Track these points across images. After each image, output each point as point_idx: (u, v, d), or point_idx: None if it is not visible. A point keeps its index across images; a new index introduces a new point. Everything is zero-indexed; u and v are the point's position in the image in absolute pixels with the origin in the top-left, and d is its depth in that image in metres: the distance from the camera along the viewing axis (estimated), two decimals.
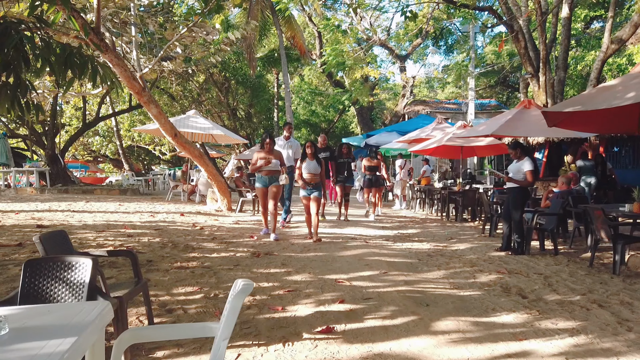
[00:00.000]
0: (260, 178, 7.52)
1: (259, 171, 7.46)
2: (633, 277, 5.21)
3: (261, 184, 7.53)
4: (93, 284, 2.12)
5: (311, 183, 7.33)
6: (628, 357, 3.04)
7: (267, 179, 7.44)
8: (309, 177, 7.34)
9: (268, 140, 7.43)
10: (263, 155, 7.39)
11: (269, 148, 7.44)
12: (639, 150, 12.73)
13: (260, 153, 7.45)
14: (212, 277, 4.91)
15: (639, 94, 5.19)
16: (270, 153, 7.44)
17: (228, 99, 27.24)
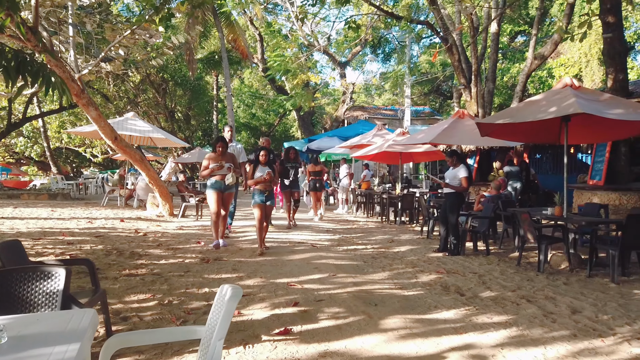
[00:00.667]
0: (214, 183, 7.10)
1: (211, 175, 7.09)
2: (555, 274, 5.79)
3: (215, 188, 7.11)
4: (67, 293, 2.14)
5: (266, 191, 6.92)
6: (554, 345, 3.44)
7: (222, 184, 7.10)
8: (263, 185, 6.91)
9: (220, 144, 7.14)
10: (215, 158, 7.12)
11: (222, 151, 7.15)
12: (558, 157, 13.88)
13: (212, 157, 7.16)
14: (163, 284, 4.90)
15: (560, 109, 5.79)
16: (223, 157, 7.15)
17: (166, 100, 26.60)
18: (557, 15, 21.00)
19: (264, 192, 6.88)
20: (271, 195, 7.02)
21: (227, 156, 7.22)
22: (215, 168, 6.99)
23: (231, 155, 7.34)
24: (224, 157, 7.13)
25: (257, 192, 6.91)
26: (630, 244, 5.44)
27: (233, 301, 1.80)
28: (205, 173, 7.08)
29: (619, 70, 8.29)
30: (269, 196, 6.95)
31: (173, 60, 23.58)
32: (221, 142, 7.17)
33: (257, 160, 7.01)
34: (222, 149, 7.13)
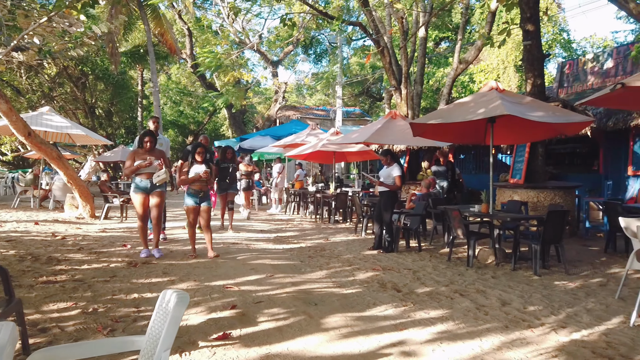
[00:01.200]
0: (140, 183, 6.20)
1: (137, 174, 6.20)
2: (483, 268, 6.05)
3: (141, 189, 6.21)
4: None
5: (200, 191, 6.29)
6: (488, 336, 3.57)
7: (148, 184, 6.20)
8: (198, 185, 6.25)
9: (148, 138, 6.25)
10: (141, 154, 6.23)
11: (150, 147, 6.26)
12: (480, 157, 14.66)
13: (138, 153, 6.26)
14: (87, 291, 4.53)
15: (487, 110, 6.06)
16: (151, 153, 6.26)
17: (85, 95, 25.00)
18: (478, 22, 22.21)
19: (199, 192, 6.28)
20: (207, 196, 6.40)
21: (156, 152, 6.34)
22: (142, 165, 6.09)
23: (160, 152, 6.47)
24: (152, 154, 6.25)
25: (190, 192, 6.26)
26: (550, 238, 5.81)
27: (180, 308, 1.65)
28: (129, 171, 6.19)
29: (537, 76, 8.86)
30: (203, 197, 6.33)
31: (94, 52, 22.19)
32: (149, 137, 6.28)
33: (192, 158, 6.37)
34: (150, 144, 6.26)
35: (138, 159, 6.18)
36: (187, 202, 6.31)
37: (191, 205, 6.29)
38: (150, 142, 6.29)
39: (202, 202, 6.33)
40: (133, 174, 6.25)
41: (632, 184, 10.10)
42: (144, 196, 6.25)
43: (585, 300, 4.55)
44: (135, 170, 6.16)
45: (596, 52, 13.85)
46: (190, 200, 6.28)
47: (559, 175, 11.80)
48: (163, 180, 6.16)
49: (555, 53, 24.77)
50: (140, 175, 6.22)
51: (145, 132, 6.40)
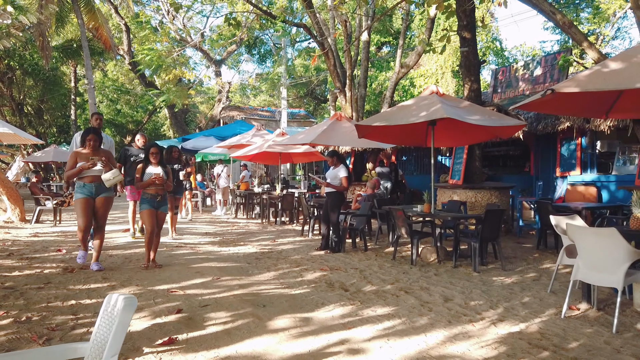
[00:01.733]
0: (82, 187, 5.55)
1: (79, 178, 5.57)
2: (426, 266, 6.25)
3: (84, 193, 5.53)
4: None
5: (158, 195, 5.83)
6: (432, 332, 3.69)
7: (92, 188, 5.55)
8: (154, 189, 5.81)
9: (92, 136, 5.61)
10: (86, 154, 5.59)
11: (94, 146, 5.62)
12: (422, 159, 15.14)
13: (80, 154, 5.61)
14: (18, 299, 4.26)
15: (428, 113, 6.27)
16: (96, 153, 5.62)
17: (12, 91, 23.41)
18: (418, 29, 22.93)
19: (155, 196, 5.80)
20: (164, 200, 5.94)
21: (101, 153, 5.70)
22: (86, 167, 5.45)
23: (106, 152, 5.82)
24: (96, 154, 5.61)
25: (146, 197, 5.79)
26: (488, 236, 6.10)
27: (128, 312, 1.59)
28: (71, 174, 5.52)
29: (473, 81, 9.27)
30: (161, 202, 5.88)
31: (22, 45, 20.82)
32: (93, 135, 5.62)
33: (146, 160, 5.92)
34: (94, 143, 5.61)
35: (80, 160, 5.53)
36: (142, 207, 5.83)
37: (147, 210, 5.79)
38: (95, 141, 5.62)
39: (159, 207, 5.88)
40: (75, 178, 5.64)
41: (560, 185, 10.80)
42: (88, 201, 5.55)
43: (521, 294, 4.81)
44: (77, 173, 5.51)
45: (526, 60, 14.68)
46: (147, 205, 5.81)
47: (494, 177, 12.42)
48: (116, 181, 5.57)
49: (489, 60, 26.05)
50: (83, 179, 5.57)
51: (88, 130, 5.75)
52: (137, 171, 5.84)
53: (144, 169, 5.88)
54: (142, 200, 5.88)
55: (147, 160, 5.92)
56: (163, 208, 5.94)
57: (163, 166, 5.95)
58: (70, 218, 10.91)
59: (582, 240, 4.07)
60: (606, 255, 3.87)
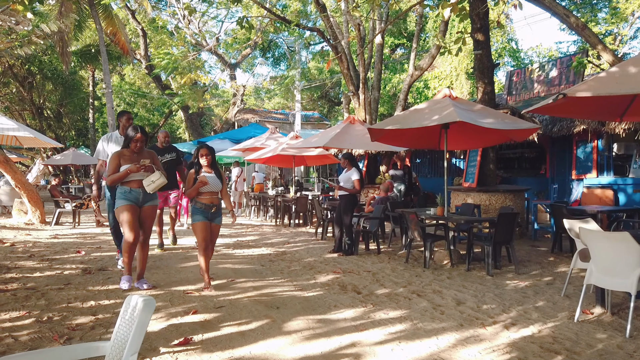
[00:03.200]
0: (128, 192, 4.85)
1: (123, 182, 4.88)
2: (439, 269, 6.26)
3: (130, 200, 4.85)
4: None
5: (212, 205, 5.08)
6: (444, 335, 3.72)
7: (139, 194, 4.89)
8: (208, 197, 5.05)
9: (140, 136, 4.89)
10: (130, 155, 4.91)
11: (140, 147, 4.95)
12: (435, 162, 15.11)
13: (123, 155, 4.91)
14: (40, 299, 4.39)
15: (441, 117, 6.29)
16: (141, 155, 4.96)
17: (32, 95, 23.92)
18: (432, 31, 22.87)
19: (211, 206, 5.08)
20: (219, 211, 5.18)
21: (146, 154, 5.04)
22: (134, 170, 4.77)
23: (150, 153, 5.14)
24: (141, 157, 4.95)
25: (200, 206, 5.03)
26: (501, 239, 6.09)
27: (147, 312, 1.66)
28: (117, 177, 4.81)
29: (487, 84, 9.25)
30: (216, 213, 5.12)
31: (42, 51, 21.28)
32: (141, 134, 4.92)
33: (197, 164, 5.14)
34: (140, 144, 4.93)
35: (125, 162, 4.87)
36: (195, 219, 5.04)
37: (201, 222, 4.98)
38: (142, 142, 4.94)
39: (214, 218, 5.12)
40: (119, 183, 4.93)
41: (576, 187, 10.70)
42: (134, 209, 4.87)
43: (534, 298, 4.81)
44: (124, 177, 4.81)
45: (542, 62, 14.58)
46: (200, 216, 5.00)
47: (509, 179, 12.35)
48: (160, 185, 4.88)
49: (505, 62, 25.86)
50: (129, 183, 4.89)
51: (135, 129, 4.97)
52: (189, 179, 5.05)
53: (197, 176, 5.07)
54: (193, 210, 5.07)
55: (198, 165, 5.11)
56: (218, 220, 5.18)
57: (217, 170, 5.23)
58: (89, 220, 11.14)
59: (595, 244, 4.06)
60: (619, 259, 3.86)
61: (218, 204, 5.14)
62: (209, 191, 5.04)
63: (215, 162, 5.25)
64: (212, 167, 5.17)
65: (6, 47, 10.03)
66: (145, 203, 4.99)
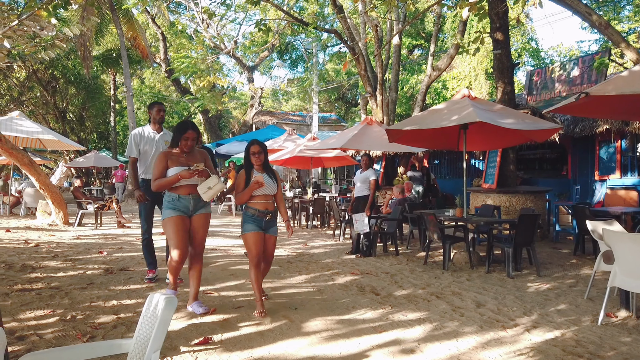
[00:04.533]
0: (176, 200, 4.11)
1: (172, 188, 4.13)
2: (458, 271, 6.20)
3: (180, 210, 4.12)
4: None
5: (267, 212, 4.21)
6: (464, 337, 3.68)
7: (190, 202, 4.15)
8: (262, 202, 4.20)
9: (190, 133, 4.11)
10: (178, 157, 4.16)
11: (191, 146, 4.18)
12: (454, 163, 14.97)
13: (171, 156, 4.15)
14: (64, 299, 4.48)
15: (460, 117, 6.24)
16: (191, 156, 4.22)
17: (56, 99, 24.44)
18: (450, 31, 22.70)
19: (266, 213, 4.22)
20: (274, 220, 4.35)
21: (197, 155, 4.30)
22: (186, 175, 3.99)
23: (202, 153, 4.39)
24: (192, 158, 4.21)
25: (252, 213, 4.18)
26: (522, 241, 6.00)
27: (168, 311, 1.69)
28: (165, 183, 4.06)
29: (507, 84, 9.14)
30: (270, 221, 4.28)
31: (64, 56, 21.75)
32: (192, 131, 4.14)
33: (247, 163, 4.28)
34: (191, 143, 4.16)
35: (173, 164, 4.11)
36: (246, 228, 4.18)
37: (253, 232, 4.14)
38: (192, 140, 4.15)
39: (268, 228, 4.27)
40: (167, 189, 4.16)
41: (598, 188, 10.49)
42: (184, 220, 4.13)
43: (556, 300, 4.73)
44: (173, 183, 4.06)
45: (563, 61, 14.34)
46: (253, 225, 4.16)
47: (529, 180, 12.17)
48: (218, 192, 4.11)
49: (524, 61, 25.52)
50: (178, 190, 4.12)
51: (185, 124, 4.21)
52: (239, 182, 4.25)
53: (248, 177, 4.22)
54: (245, 218, 4.23)
55: (249, 164, 4.28)
56: (273, 230, 4.33)
57: (270, 171, 4.35)
58: (111, 221, 11.32)
59: (619, 246, 3.98)
60: None
61: (273, 210, 4.31)
62: (263, 194, 4.17)
63: (268, 162, 4.38)
64: (264, 167, 4.29)
65: (31, 52, 10.25)
66: (197, 211, 4.22)
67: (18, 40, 9.89)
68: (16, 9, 9.45)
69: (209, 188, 4.04)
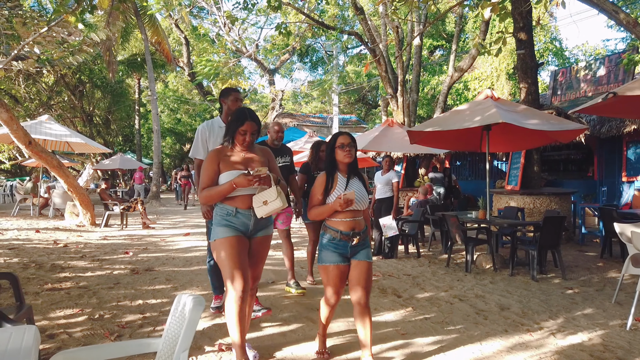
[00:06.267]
0: (231, 216, 2.98)
1: (227, 200, 2.99)
2: (481, 273, 6.14)
3: (236, 227, 3.00)
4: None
5: (356, 234, 3.03)
6: (488, 341, 3.65)
7: (249, 218, 3.01)
8: (348, 220, 3.02)
9: (249, 124, 3.00)
10: (233, 159, 3.05)
11: (250, 141, 3.05)
12: (476, 164, 14.80)
13: (224, 155, 3.06)
14: (92, 298, 4.59)
15: (483, 118, 6.19)
16: (251, 153, 3.10)
17: (83, 103, 25.06)
18: (471, 31, 22.46)
19: (351, 235, 3.01)
20: (365, 241, 3.11)
21: (258, 155, 3.15)
22: (244, 182, 2.85)
23: (266, 152, 3.23)
24: (251, 158, 3.09)
25: (332, 235, 3.04)
26: (547, 243, 5.91)
27: (197, 311, 1.74)
28: (215, 194, 2.96)
29: (531, 84, 9.01)
30: (359, 245, 3.05)
31: (91, 61, 22.31)
32: (252, 121, 3.01)
33: (330, 162, 3.11)
34: (250, 138, 3.03)
35: (227, 167, 2.99)
36: (324, 258, 3.07)
37: (333, 264, 3.04)
38: (252, 133, 3.01)
39: (356, 254, 3.06)
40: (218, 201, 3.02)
41: (626, 190, 10.25)
42: (241, 242, 2.97)
43: (583, 304, 4.65)
44: (226, 193, 2.93)
45: (588, 61, 14.05)
46: (332, 254, 3.04)
47: (554, 182, 11.96)
48: (276, 210, 2.93)
49: (548, 61, 25.06)
50: (234, 201, 2.98)
51: (242, 112, 3.06)
52: (317, 189, 3.08)
53: (329, 182, 3.05)
54: (322, 243, 3.08)
55: (331, 165, 3.09)
56: (364, 253, 3.07)
57: (359, 175, 3.15)
58: (136, 222, 11.54)
59: None
60: None
61: (363, 229, 3.06)
62: (351, 209, 2.98)
63: (356, 162, 3.15)
64: (351, 169, 3.10)
65: (59, 57, 10.54)
66: (258, 232, 3.08)
67: (47, 46, 10.18)
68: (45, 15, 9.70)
69: (264, 204, 2.90)
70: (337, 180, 3.07)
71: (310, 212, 3.14)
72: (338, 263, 3.04)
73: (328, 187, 3.06)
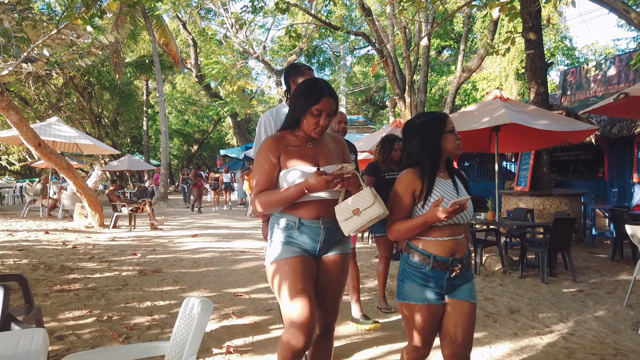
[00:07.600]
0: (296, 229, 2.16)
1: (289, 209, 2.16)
2: (490, 275, 6.09)
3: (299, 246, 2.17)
4: (6, 312, 1.95)
5: (457, 262, 2.08)
6: (497, 344, 3.61)
7: (320, 231, 2.16)
8: (446, 239, 2.08)
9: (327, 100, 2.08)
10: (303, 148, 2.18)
11: (324, 125, 2.12)
12: (484, 165, 14.71)
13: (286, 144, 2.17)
14: (100, 299, 4.61)
15: (492, 119, 6.15)
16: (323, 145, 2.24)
17: (91, 105, 25.25)
18: (480, 31, 22.35)
19: (450, 264, 2.08)
20: (469, 275, 2.18)
21: (331, 146, 2.28)
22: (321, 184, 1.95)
23: (338, 142, 2.34)
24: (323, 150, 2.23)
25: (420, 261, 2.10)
26: (557, 245, 5.85)
27: (205, 314, 1.73)
28: (276, 200, 2.11)
29: (540, 84, 8.93)
30: (461, 277, 2.12)
31: (100, 63, 22.48)
32: (329, 98, 2.10)
33: (433, 156, 2.15)
34: (324, 121, 2.11)
35: (292, 161, 2.16)
36: (407, 293, 2.13)
37: (421, 304, 2.09)
38: (330, 116, 2.12)
39: (455, 289, 2.13)
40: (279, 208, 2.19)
41: (637, 191, 10.14)
42: (306, 263, 2.17)
43: (594, 307, 4.59)
44: (294, 198, 2.10)
45: (598, 60, 13.92)
46: (420, 288, 2.11)
47: (564, 183, 11.85)
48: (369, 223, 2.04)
49: (558, 61, 24.89)
50: (299, 209, 2.17)
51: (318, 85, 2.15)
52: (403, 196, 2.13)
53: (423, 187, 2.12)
54: (404, 271, 2.16)
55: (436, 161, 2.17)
56: (466, 290, 2.16)
57: (460, 175, 2.34)
58: (144, 223, 11.59)
59: None
60: None
61: (466, 254, 2.17)
62: (450, 223, 2.10)
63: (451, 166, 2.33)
64: (449, 166, 2.29)
65: (68, 59, 10.61)
66: (330, 250, 2.25)
67: (56, 49, 10.25)
68: (55, 18, 9.82)
69: (355, 213, 2.03)
70: (435, 182, 2.13)
71: (392, 227, 2.13)
72: (429, 303, 2.08)
73: (422, 190, 2.11)
